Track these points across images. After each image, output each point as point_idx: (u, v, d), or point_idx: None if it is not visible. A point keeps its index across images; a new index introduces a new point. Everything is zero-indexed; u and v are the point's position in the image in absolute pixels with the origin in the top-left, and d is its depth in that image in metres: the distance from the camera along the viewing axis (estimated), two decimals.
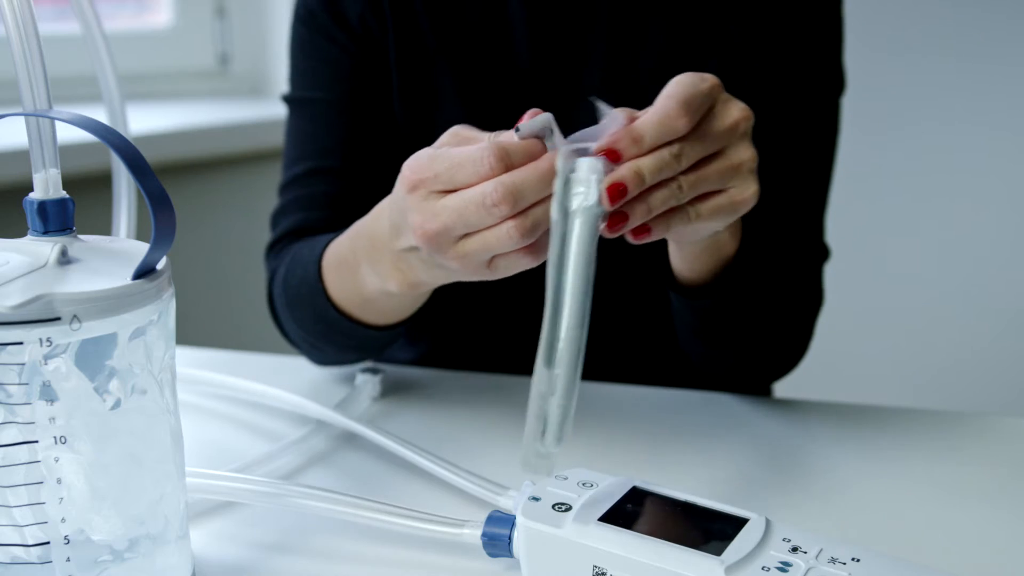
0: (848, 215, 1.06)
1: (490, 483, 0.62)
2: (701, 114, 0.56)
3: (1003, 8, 1.69)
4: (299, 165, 0.90)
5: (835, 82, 0.88)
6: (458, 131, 0.62)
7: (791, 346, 0.84)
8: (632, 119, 0.56)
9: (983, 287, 1.81)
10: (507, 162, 0.55)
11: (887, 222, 1.82)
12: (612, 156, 0.54)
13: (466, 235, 0.58)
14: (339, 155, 0.89)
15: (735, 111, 0.58)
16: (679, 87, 0.56)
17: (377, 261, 0.68)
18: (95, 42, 0.67)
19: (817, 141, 0.88)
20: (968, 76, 1.73)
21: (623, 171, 0.54)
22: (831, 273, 0.90)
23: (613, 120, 0.55)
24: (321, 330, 0.80)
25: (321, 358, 0.86)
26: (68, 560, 0.48)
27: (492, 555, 0.57)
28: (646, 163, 0.54)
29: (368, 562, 0.59)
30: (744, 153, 0.58)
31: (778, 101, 0.86)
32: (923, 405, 0.84)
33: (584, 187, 0.53)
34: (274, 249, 0.91)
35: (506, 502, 0.60)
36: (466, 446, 0.73)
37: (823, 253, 0.89)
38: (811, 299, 0.87)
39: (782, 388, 1.03)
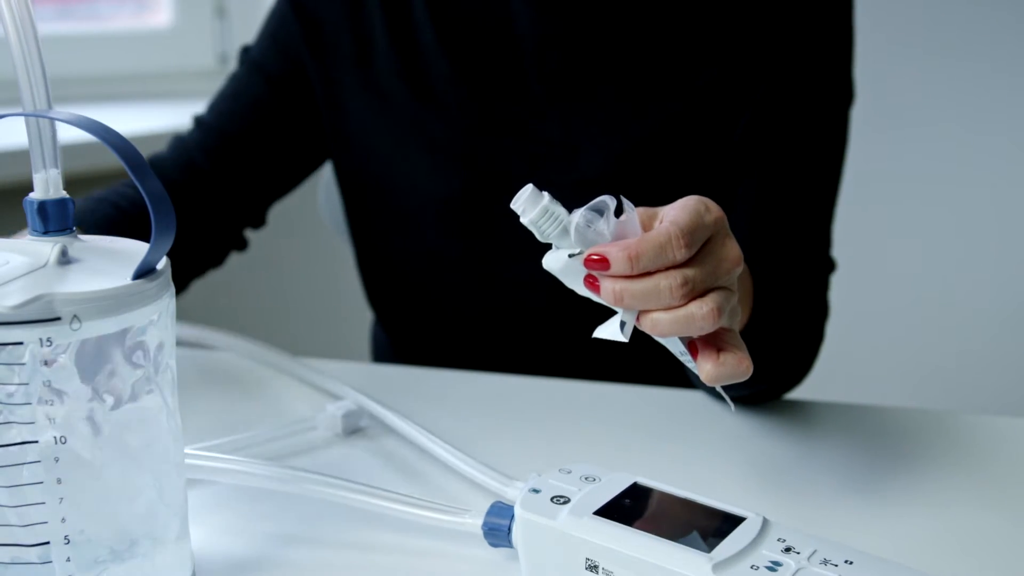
0: (847, 216, 1.06)
1: (498, 473, 0.63)
2: (700, 245, 0.54)
3: (1003, 14, 1.69)
4: (210, 112, 0.96)
5: (844, 94, 0.88)
6: None
7: (798, 364, 0.83)
8: (647, 219, 0.55)
9: (983, 287, 1.81)
10: None
11: (886, 223, 1.82)
12: (602, 264, 0.53)
13: None
14: (238, 126, 0.94)
15: (733, 252, 0.55)
16: (685, 214, 0.53)
17: None
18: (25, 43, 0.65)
19: (825, 154, 0.87)
20: (966, 78, 1.73)
21: (608, 288, 0.53)
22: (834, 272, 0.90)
23: (630, 223, 0.54)
24: None
25: None
26: (68, 560, 0.48)
27: (493, 544, 0.58)
28: (636, 288, 0.53)
29: (370, 549, 0.60)
30: (723, 299, 0.54)
31: (786, 112, 0.85)
32: (923, 405, 0.84)
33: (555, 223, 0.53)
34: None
35: (513, 493, 0.60)
36: (470, 442, 0.73)
37: (829, 266, 0.88)
38: (817, 314, 0.86)
39: None
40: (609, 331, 0.54)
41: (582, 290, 0.54)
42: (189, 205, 0.92)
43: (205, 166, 0.93)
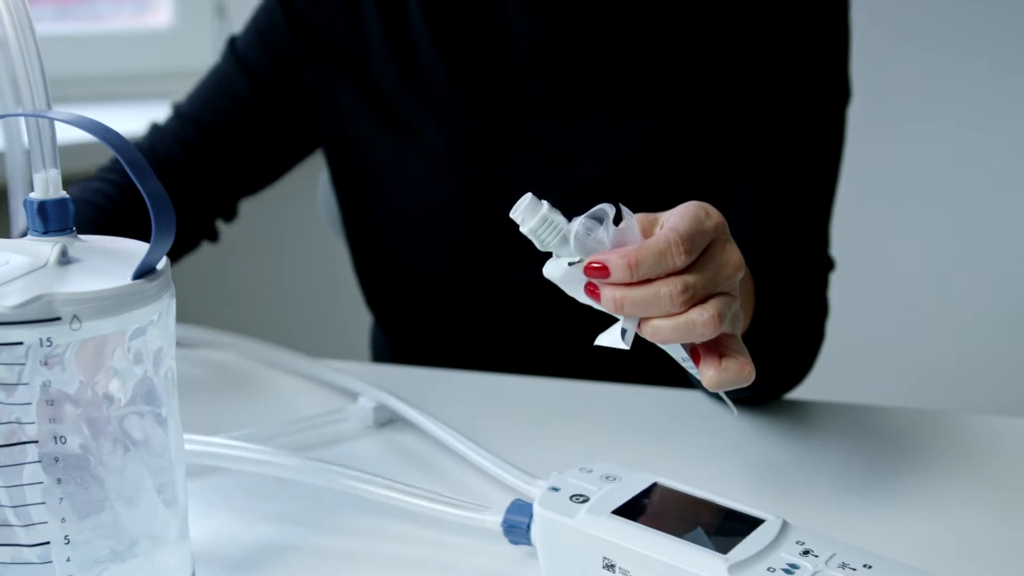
0: (847, 215, 1.06)
1: (520, 471, 0.63)
2: (700, 251, 0.54)
3: (1002, 11, 1.69)
4: (191, 103, 0.95)
5: (840, 92, 0.88)
6: None
7: (799, 365, 0.84)
8: (648, 225, 0.55)
9: (983, 287, 1.81)
10: None
11: (885, 222, 1.82)
12: (602, 272, 0.53)
13: None
14: (219, 122, 0.93)
15: (733, 257, 0.55)
16: (685, 220, 0.53)
17: None
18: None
19: (822, 153, 0.87)
20: (966, 77, 1.72)
21: (608, 296, 0.53)
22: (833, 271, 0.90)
23: (629, 230, 0.54)
24: None
25: None
26: (68, 560, 0.48)
27: (513, 542, 0.58)
28: (636, 296, 0.53)
29: (390, 541, 0.61)
30: (724, 304, 0.54)
31: (783, 111, 0.85)
32: (923, 405, 0.84)
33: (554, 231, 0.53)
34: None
35: (535, 491, 0.61)
36: (478, 440, 0.73)
37: (828, 265, 0.88)
38: (817, 313, 0.86)
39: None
40: (610, 339, 0.54)
41: (583, 298, 0.54)
42: None
43: (181, 158, 0.92)
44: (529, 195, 0.53)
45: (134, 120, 1.47)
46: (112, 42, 1.56)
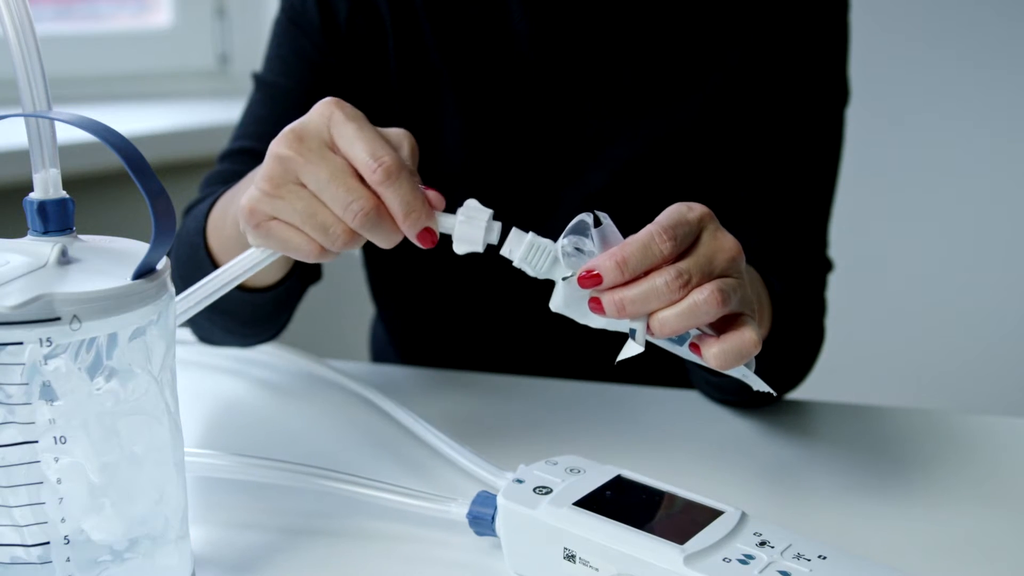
0: (848, 215, 1.06)
1: (489, 464, 0.63)
2: (688, 242, 0.54)
3: (1003, 12, 1.69)
4: (240, 141, 0.91)
5: (839, 93, 0.88)
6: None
7: (802, 364, 0.84)
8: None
9: (984, 288, 1.81)
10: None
11: (887, 222, 1.82)
12: (596, 280, 0.53)
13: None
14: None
15: (727, 242, 0.55)
16: (666, 215, 0.54)
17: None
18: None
19: (821, 154, 0.87)
20: (966, 77, 1.73)
21: (608, 301, 0.54)
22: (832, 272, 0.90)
23: (610, 231, 0.54)
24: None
25: (206, 333, 0.86)
26: (68, 560, 0.48)
27: (478, 533, 0.59)
28: (634, 293, 0.53)
29: (367, 538, 0.61)
30: (726, 284, 0.54)
31: (781, 113, 0.85)
32: (923, 405, 0.84)
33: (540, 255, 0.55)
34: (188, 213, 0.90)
35: (502, 483, 0.61)
36: (472, 439, 0.73)
37: (827, 266, 0.88)
38: (817, 313, 0.86)
39: None
40: (627, 350, 0.55)
41: (593, 321, 0.55)
42: None
43: None
44: (513, 229, 0.55)
45: (134, 120, 1.48)
46: (112, 42, 1.56)
